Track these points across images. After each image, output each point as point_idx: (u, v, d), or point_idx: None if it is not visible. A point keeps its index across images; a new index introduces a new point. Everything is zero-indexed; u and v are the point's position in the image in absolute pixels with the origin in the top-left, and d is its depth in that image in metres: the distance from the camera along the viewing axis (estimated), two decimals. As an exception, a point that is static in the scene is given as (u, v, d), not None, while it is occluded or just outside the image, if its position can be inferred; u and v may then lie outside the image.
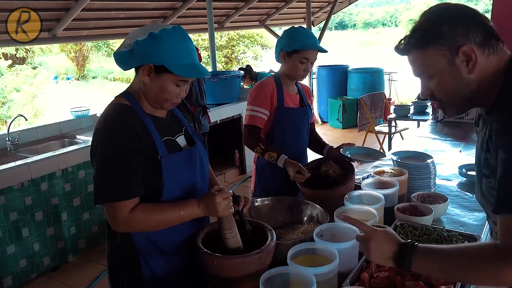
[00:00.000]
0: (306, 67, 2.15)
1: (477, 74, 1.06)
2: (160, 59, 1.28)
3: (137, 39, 1.31)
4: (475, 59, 1.04)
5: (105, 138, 1.30)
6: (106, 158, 1.29)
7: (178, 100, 1.39)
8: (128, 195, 1.30)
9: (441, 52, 1.06)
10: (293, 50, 2.13)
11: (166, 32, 1.30)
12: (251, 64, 14.72)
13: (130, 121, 1.32)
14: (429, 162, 2.15)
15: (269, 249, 1.40)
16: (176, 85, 1.34)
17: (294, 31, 2.18)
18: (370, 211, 1.67)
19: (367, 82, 7.57)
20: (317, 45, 2.15)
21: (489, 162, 1.05)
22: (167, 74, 1.31)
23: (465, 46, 1.04)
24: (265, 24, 7.74)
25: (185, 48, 1.31)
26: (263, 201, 1.92)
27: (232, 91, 5.24)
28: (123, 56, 1.34)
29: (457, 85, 1.08)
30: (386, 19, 48.69)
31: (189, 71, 1.31)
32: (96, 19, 4.91)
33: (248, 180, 5.32)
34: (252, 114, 2.17)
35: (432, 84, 1.12)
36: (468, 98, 1.10)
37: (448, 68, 1.07)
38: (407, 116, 4.97)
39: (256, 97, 2.18)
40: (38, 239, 3.28)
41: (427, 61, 1.09)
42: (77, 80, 19.24)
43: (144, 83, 1.35)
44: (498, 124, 1.01)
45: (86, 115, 4.38)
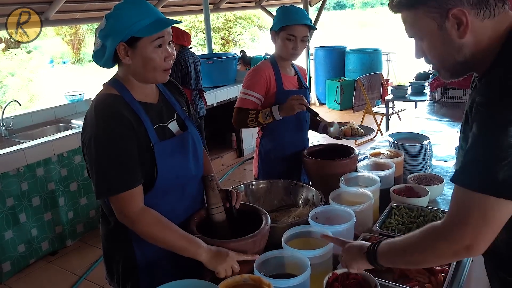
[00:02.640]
0: (294, 45, 2.08)
1: (469, 39, 0.99)
2: (126, 32, 1.26)
3: (100, 29, 1.30)
4: (466, 22, 0.96)
5: (98, 129, 1.27)
6: (101, 149, 1.26)
7: (168, 64, 1.35)
8: (131, 184, 1.27)
9: (431, 15, 0.99)
10: (280, 28, 2.09)
11: (119, 5, 1.29)
12: (248, 46, 14.64)
13: (121, 110, 1.29)
14: (426, 143, 2.14)
15: (264, 233, 1.40)
16: (156, 48, 1.30)
17: (280, 9, 2.14)
18: (366, 193, 1.67)
19: (365, 63, 7.51)
20: (302, 20, 2.07)
21: (466, 134, 1.01)
22: (140, 41, 1.28)
23: (456, 8, 0.96)
24: (261, 5, 7.63)
25: (142, 10, 1.28)
26: (258, 184, 1.92)
27: (228, 74, 5.19)
28: (99, 56, 1.32)
29: (447, 50, 1.02)
30: (385, -1, 48.08)
31: (156, 27, 1.28)
32: (89, 1, 4.83)
33: (245, 163, 5.31)
34: (243, 97, 2.13)
35: (424, 47, 1.07)
36: (461, 63, 1.03)
37: (437, 32, 1.00)
38: (405, 97, 4.94)
39: (249, 80, 2.14)
40: (36, 224, 3.28)
41: (417, 23, 1.03)
42: (73, 64, 19.07)
43: (128, 65, 1.32)
44: (481, 97, 0.95)
45: (80, 100, 4.35)
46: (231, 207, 1.52)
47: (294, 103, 2.00)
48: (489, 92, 0.95)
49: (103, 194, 1.29)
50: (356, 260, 1.20)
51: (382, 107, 5.79)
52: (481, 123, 0.93)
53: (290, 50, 2.10)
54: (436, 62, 1.09)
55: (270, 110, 2.07)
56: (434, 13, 0.99)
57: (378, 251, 1.15)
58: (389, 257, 1.13)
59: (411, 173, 2.01)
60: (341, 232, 1.44)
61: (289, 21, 2.06)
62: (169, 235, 1.31)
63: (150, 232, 1.30)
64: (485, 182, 0.90)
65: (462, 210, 0.94)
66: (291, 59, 2.18)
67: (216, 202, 1.49)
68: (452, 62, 1.04)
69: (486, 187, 0.90)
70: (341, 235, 1.44)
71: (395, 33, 18.72)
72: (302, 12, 2.11)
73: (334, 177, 1.84)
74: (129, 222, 1.30)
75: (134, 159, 1.29)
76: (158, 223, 1.31)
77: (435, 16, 0.99)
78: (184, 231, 1.34)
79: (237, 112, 2.16)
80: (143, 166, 1.32)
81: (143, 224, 1.29)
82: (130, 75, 1.35)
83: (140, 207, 1.29)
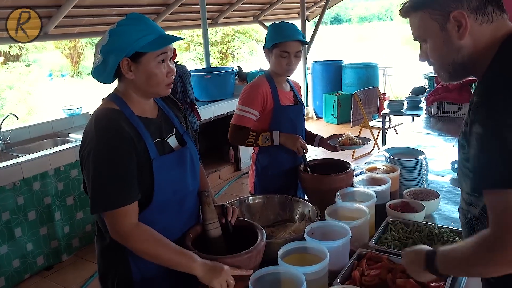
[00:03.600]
0: (288, 61, 2.10)
1: (468, 41, 1.06)
2: (130, 47, 1.28)
3: (101, 45, 1.31)
4: (465, 24, 1.04)
5: (98, 143, 1.27)
6: (100, 163, 1.26)
7: (169, 79, 1.37)
8: (127, 200, 1.27)
9: (434, 17, 1.08)
10: (273, 45, 2.11)
11: (122, 22, 1.31)
12: (246, 60, 14.75)
13: (121, 125, 1.30)
14: (421, 158, 2.15)
15: (259, 248, 1.39)
16: (159, 63, 1.33)
17: (272, 26, 2.16)
18: (362, 208, 1.67)
19: (361, 77, 7.56)
20: (294, 36, 2.09)
21: (466, 135, 1.05)
22: (144, 56, 1.30)
23: (456, 11, 1.04)
24: (259, 20, 7.71)
25: (145, 27, 1.31)
26: (254, 199, 1.92)
27: (226, 88, 5.22)
28: (99, 71, 1.34)
29: (448, 50, 1.09)
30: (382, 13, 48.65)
31: (160, 43, 1.31)
32: (88, 16, 4.87)
33: (242, 177, 5.31)
34: (240, 114, 2.14)
35: (427, 48, 1.14)
36: (459, 64, 1.10)
37: (439, 32, 1.08)
38: (401, 111, 4.97)
39: (246, 97, 2.15)
40: (31, 239, 3.26)
41: (421, 24, 1.12)
42: (72, 77, 19.14)
43: (131, 80, 1.34)
44: (478, 97, 1.00)
45: (78, 113, 4.35)
46: (226, 223, 1.52)
47: (298, 144, 2.11)
48: (484, 92, 0.99)
49: (98, 208, 1.29)
50: (417, 271, 1.16)
51: (379, 121, 5.82)
52: (483, 122, 0.95)
53: (284, 66, 2.12)
54: (436, 63, 1.15)
55: (270, 135, 2.11)
56: (437, 15, 1.07)
57: (436, 262, 1.08)
58: (450, 269, 1.09)
59: (407, 188, 2.02)
60: (337, 248, 1.44)
61: (282, 38, 2.08)
62: (163, 251, 1.30)
63: (143, 248, 1.29)
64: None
65: (507, 215, 0.91)
66: (286, 74, 2.19)
67: (211, 218, 1.49)
68: (451, 63, 1.11)
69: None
70: (337, 250, 1.44)
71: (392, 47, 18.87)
72: (293, 27, 2.13)
73: (330, 192, 1.84)
74: (121, 239, 1.29)
75: (132, 175, 1.29)
76: (150, 239, 1.30)
77: (438, 18, 1.07)
78: (177, 245, 1.33)
79: (234, 129, 2.17)
80: (142, 180, 1.32)
81: (135, 240, 1.28)
82: (131, 90, 1.37)
83: (133, 224, 1.29)
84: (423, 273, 1.14)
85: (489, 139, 0.94)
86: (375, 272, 1.40)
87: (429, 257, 1.11)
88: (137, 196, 1.30)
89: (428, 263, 1.11)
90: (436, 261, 1.08)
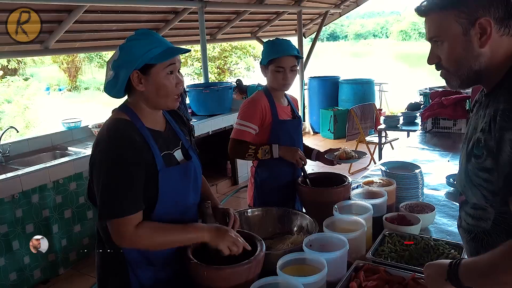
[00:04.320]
0: (284, 75, 2.16)
1: (487, 50, 1.06)
2: (139, 60, 1.33)
3: (113, 60, 1.37)
4: (489, 33, 1.04)
5: (109, 152, 1.31)
6: (110, 172, 1.30)
7: (178, 90, 1.42)
8: (134, 209, 1.31)
9: (459, 20, 1.06)
10: (268, 62, 2.17)
11: (132, 37, 1.38)
12: (244, 75, 14.86)
13: (132, 135, 1.34)
14: (417, 172, 2.19)
15: (259, 259, 1.42)
16: (168, 74, 1.38)
17: (266, 43, 2.24)
18: (359, 221, 1.70)
19: (358, 93, 7.65)
20: (288, 51, 2.15)
21: (487, 143, 1.03)
22: (153, 68, 1.35)
23: (483, 18, 1.03)
24: (257, 36, 7.82)
25: (154, 40, 1.37)
26: (253, 212, 1.95)
27: (224, 103, 5.27)
28: (111, 86, 1.39)
29: (466, 56, 1.08)
30: (377, 31, 49.34)
31: (168, 54, 1.36)
32: (89, 31, 4.93)
33: (240, 191, 5.33)
34: (240, 129, 2.19)
35: (442, 50, 1.12)
36: (474, 71, 1.09)
37: (461, 36, 1.07)
38: (397, 126, 5.03)
39: (246, 112, 2.20)
40: (28, 252, 3.25)
41: (443, 25, 1.09)
42: (69, 91, 19.20)
43: (141, 92, 1.38)
44: (506, 104, 1.00)
45: (77, 127, 4.38)
46: None
47: (297, 156, 2.16)
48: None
49: (107, 216, 1.32)
50: (437, 281, 1.13)
51: (375, 137, 5.87)
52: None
53: (280, 81, 2.18)
54: (451, 67, 1.13)
55: (270, 148, 2.15)
56: (463, 18, 1.06)
57: (459, 273, 1.07)
58: (473, 280, 1.06)
59: (403, 202, 2.05)
60: (335, 259, 1.47)
61: (276, 54, 2.15)
62: (169, 235, 1.38)
63: (151, 242, 1.35)
64: None
65: None
66: (283, 89, 2.25)
67: None
68: (467, 69, 1.10)
69: None
70: (335, 261, 1.47)
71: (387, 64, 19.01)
72: (287, 43, 2.20)
73: (327, 205, 1.87)
74: (128, 243, 1.33)
75: (139, 185, 1.33)
76: (154, 230, 1.36)
77: (463, 21, 1.06)
78: (178, 224, 1.40)
79: (234, 144, 2.21)
80: (147, 190, 1.35)
81: (142, 238, 1.33)
82: (142, 102, 1.41)
83: (134, 226, 1.32)
84: (444, 286, 1.11)
85: None
86: (372, 284, 1.42)
87: (452, 267, 1.08)
88: (142, 206, 1.34)
89: (451, 274, 1.08)
90: (459, 271, 1.06)
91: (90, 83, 20.47)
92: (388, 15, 57.35)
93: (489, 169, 1.05)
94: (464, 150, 1.18)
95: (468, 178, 1.14)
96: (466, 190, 1.18)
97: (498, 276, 0.98)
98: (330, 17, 8.52)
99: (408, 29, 43.94)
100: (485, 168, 1.05)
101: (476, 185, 1.10)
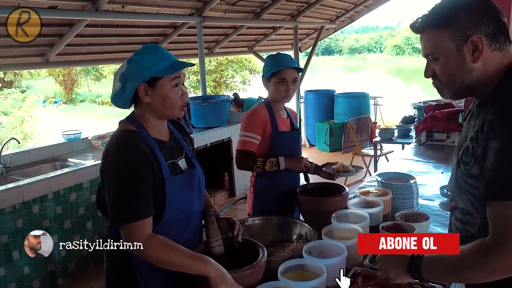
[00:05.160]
0: (286, 87, 2.25)
1: (479, 65, 1.13)
2: (147, 73, 1.41)
3: (120, 73, 1.44)
4: (481, 49, 1.11)
5: (120, 161, 1.37)
6: (122, 180, 1.35)
7: (183, 100, 1.49)
8: (145, 214, 1.36)
9: (452, 37, 1.13)
10: (270, 75, 2.26)
11: (139, 51, 1.45)
12: (239, 89, 14.97)
13: (140, 144, 1.40)
14: (412, 183, 2.25)
15: (261, 264, 1.47)
16: (173, 87, 1.45)
17: (269, 58, 2.33)
18: (356, 229, 1.76)
19: (353, 106, 7.76)
20: (290, 63, 2.26)
21: (474, 151, 1.10)
22: (160, 81, 1.43)
23: (475, 36, 1.10)
24: (253, 50, 7.94)
25: (160, 54, 1.44)
26: (254, 220, 2.00)
27: (222, 115, 5.35)
28: (118, 97, 1.46)
29: (459, 71, 1.14)
30: (371, 45, 49.90)
31: (174, 68, 1.44)
32: (89, 45, 5.01)
33: (237, 203, 5.37)
34: (245, 140, 2.25)
35: (437, 66, 1.18)
36: (466, 85, 1.16)
37: (455, 53, 1.13)
38: (392, 139, 5.12)
39: (248, 122, 2.27)
40: (28, 262, 3.27)
41: (437, 43, 1.15)
42: (64, 104, 19.23)
43: (148, 104, 1.45)
44: (493, 115, 1.07)
45: (77, 138, 4.43)
46: (233, 237, 1.59)
47: (302, 165, 2.28)
48: (503, 112, 1.07)
49: (119, 221, 1.36)
50: (396, 272, 1.20)
51: (371, 149, 5.95)
52: (503, 138, 1.03)
53: (283, 93, 2.26)
54: (445, 81, 1.20)
55: (276, 160, 2.23)
56: (455, 36, 1.13)
57: (422, 266, 1.13)
58: (435, 273, 1.13)
59: (398, 211, 2.11)
60: (334, 265, 1.52)
61: (279, 67, 2.24)
62: (178, 256, 1.36)
63: (159, 257, 1.35)
64: None
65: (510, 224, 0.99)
66: (285, 101, 2.33)
67: (215, 236, 1.57)
68: (460, 83, 1.17)
69: None
70: (334, 267, 1.52)
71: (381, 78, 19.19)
72: (288, 57, 2.31)
73: (326, 214, 1.93)
74: (137, 250, 1.36)
75: (149, 191, 1.39)
76: (165, 246, 1.36)
77: (456, 39, 1.13)
78: (190, 250, 1.41)
79: (241, 155, 2.27)
80: (155, 199, 1.40)
81: (151, 250, 1.35)
82: (148, 113, 1.48)
83: (147, 235, 1.36)
84: (402, 276, 1.18)
85: (507, 153, 1.01)
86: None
87: (414, 259, 1.15)
88: (152, 211, 1.39)
89: (412, 265, 1.14)
90: (422, 264, 1.13)
91: (86, 95, 20.52)
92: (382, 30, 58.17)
93: (475, 175, 1.12)
94: (455, 157, 1.26)
95: (457, 184, 1.20)
96: (456, 196, 1.24)
97: (463, 272, 1.06)
98: (325, 32, 8.67)
99: (402, 44, 44.52)
100: (472, 174, 1.12)
101: (464, 190, 1.16)
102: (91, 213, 3.71)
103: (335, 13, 8.06)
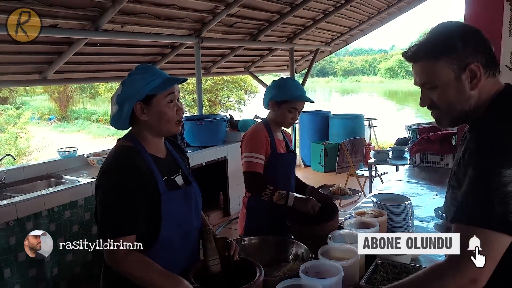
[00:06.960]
0: (294, 116, 2.29)
1: (476, 92, 1.17)
2: (141, 92, 1.45)
3: (116, 95, 1.48)
4: (479, 77, 1.14)
5: (113, 176, 1.40)
6: (110, 195, 1.39)
7: (179, 116, 1.52)
8: (128, 231, 1.38)
9: (451, 66, 1.15)
10: (283, 100, 2.27)
11: (133, 72, 1.49)
12: (235, 108, 15.07)
13: (135, 160, 1.43)
14: (407, 204, 2.27)
15: (258, 283, 1.47)
16: (168, 103, 1.48)
17: (284, 82, 2.33)
18: (352, 249, 1.77)
19: (347, 128, 7.83)
20: (305, 96, 2.30)
21: (458, 176, 1.15)
22: (155, 98, 1.46)
23: (474, 64, 1.14)
24: (250, 71, 8.03)
25: (153, 73, 1.49)
26: (250, 240, 2.00)
27: (218, 134, 5.37)
28: (117, 119, 1.50)
29: (458, 99, 1.17)
30: (365, 68, 50.58)
31: (167, 83, 1.47)
32: (87, 63, 5.06)
33: (232, 223, 5.34)
34: (251, 161, 2.22)
35: (434, 94, 1.20)
36: (465, 111, 1.19)
37: (453, 81, 1.16)
38: (386, 160, 5.16)
39: (252, 143, 2.25)
40: (20, 280, 3.22)
41: (435, 72, 1.17)
42: (59, 121, 19.20)
43: (145, 121, 1.48)
44: (472, 144, 1.12)
45: (73, 155, 4.42)
46: (229, 257, 1.60)
47: (309, 206, 2.14)
48: (480, 141, 1.11)
49: (102, 236, 1.38)
50: None
51: (365, 170, 5.99)
52: (476, 166, 1.07)
53: (289, 120, 2.31)
54: (444, 109, 1.22)
55: (286, 195, 2.15)
56: (454, 64, 1.15)
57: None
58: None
59: (394, 232, 2.12)
60: (330, 285, 1.53)
61: (295, 97, 2.26)
62: (150, 274, 1.37)
63: (132, 273, 1.37)
64: (484, 218, 1.02)
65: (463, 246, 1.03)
66: (288, 127, 2.40)
67: (212, 255, 1.57)
68: (459, 110, 1.20)
69: (485, 222, 1.02)
70: (331, 288, 1.53)
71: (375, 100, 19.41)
72: (303, 88, 2.34)
73: (319, 238, 1.92)
74: (114, 264, 1.38)
75: (138, 209, 1.40)
76: (140, 263, 1.38)
77: (455, 67, 1.16)
78: (166, 270, 1.40)
79: (250, 178, 2.23)
80: (150, 215, 1.42)
81: (126, 265, 1.37)
82: (145, 130, 1.51)
83: (125, 251, 1.37)
84: None
85: (479, 181, 1.06)
86: (366, 309, 1.48)
87: None
88: (138, 230, 1.40)
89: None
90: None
91: (80, 113, 20.53)
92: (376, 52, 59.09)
93: None
94: (448, 180, 1.30)
95: (448, 205, 1.25)
96: (448, 216, 1.28)
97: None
98: (320, 54, 8.81)
99: (395, 66, 45.16)
100: (457, 198, 1.16)
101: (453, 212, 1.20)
102: (85, 231, 3.68)
103: (331, 36, 8.22)
